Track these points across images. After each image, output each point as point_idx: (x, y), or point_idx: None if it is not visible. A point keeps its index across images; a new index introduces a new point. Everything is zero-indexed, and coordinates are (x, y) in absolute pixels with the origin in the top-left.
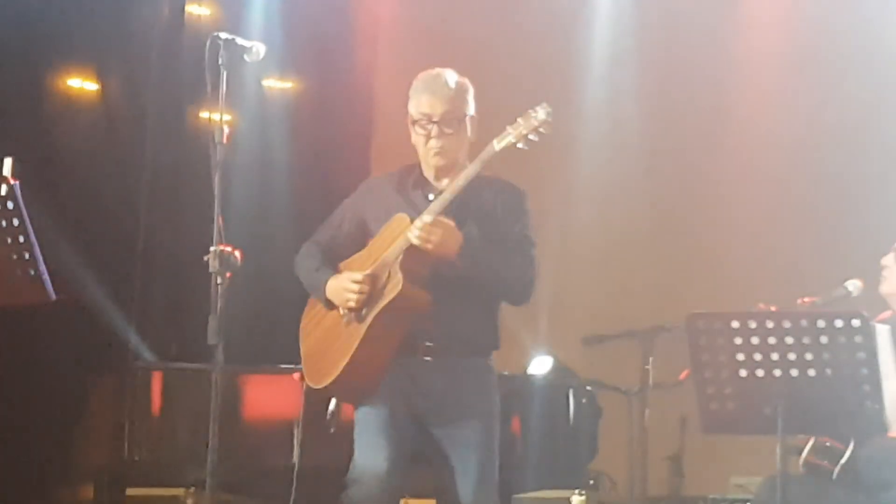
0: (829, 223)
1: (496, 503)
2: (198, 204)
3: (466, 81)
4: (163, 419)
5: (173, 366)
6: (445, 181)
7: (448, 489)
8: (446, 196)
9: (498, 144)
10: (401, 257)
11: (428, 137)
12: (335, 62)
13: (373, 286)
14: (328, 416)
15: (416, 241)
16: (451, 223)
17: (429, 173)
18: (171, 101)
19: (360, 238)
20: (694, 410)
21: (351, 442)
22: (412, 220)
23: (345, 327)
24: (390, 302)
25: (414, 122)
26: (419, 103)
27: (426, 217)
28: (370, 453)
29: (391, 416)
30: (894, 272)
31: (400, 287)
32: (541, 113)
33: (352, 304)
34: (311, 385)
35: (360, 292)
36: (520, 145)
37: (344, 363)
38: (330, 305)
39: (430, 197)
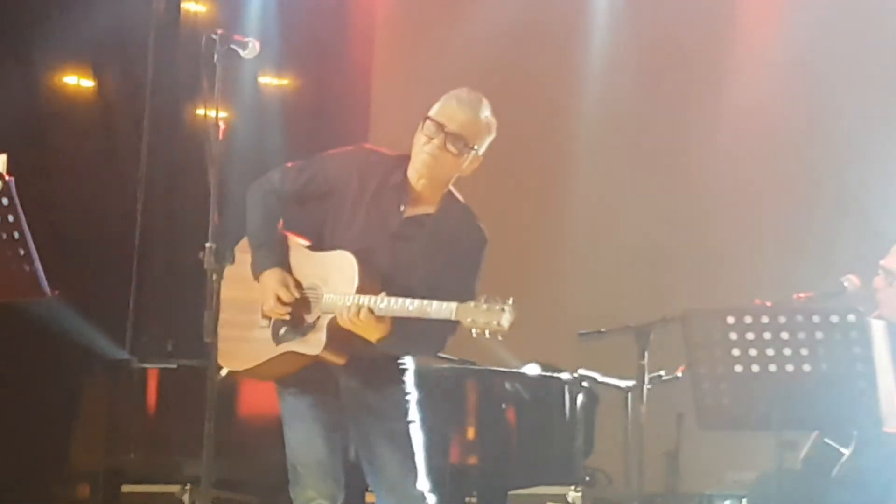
0: (825, 219)
1: (417, 495)
2: (194, 201)
3: (494, 122)
4: (158, 416)
5: (169, 362)
6: (422, 206)
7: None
8: (393, 309)
9: (454, 315)
10: (330, 318)
11: (429, 140)
12: (331, 59)
13: (297, 310)
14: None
15: (341, 321)
16: (384, 323)
17: (412, 176)
18: (167, 99)
19: (318, 202)
20: (690, 406)
21: None
22: (359, 265)
23: (259, 326)
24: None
25: (426, 120)
26: (442, 108)
27: (364, 308)
28: (305, 438)
29: (319, 402)
30: (888, 295)
31: (319, 350)
32: (505, 321)
33: (265, 311)
34: (222, 364)
35: (276, 312)
36: (474, 331)
37: (251, 366)
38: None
39: (402, 208)
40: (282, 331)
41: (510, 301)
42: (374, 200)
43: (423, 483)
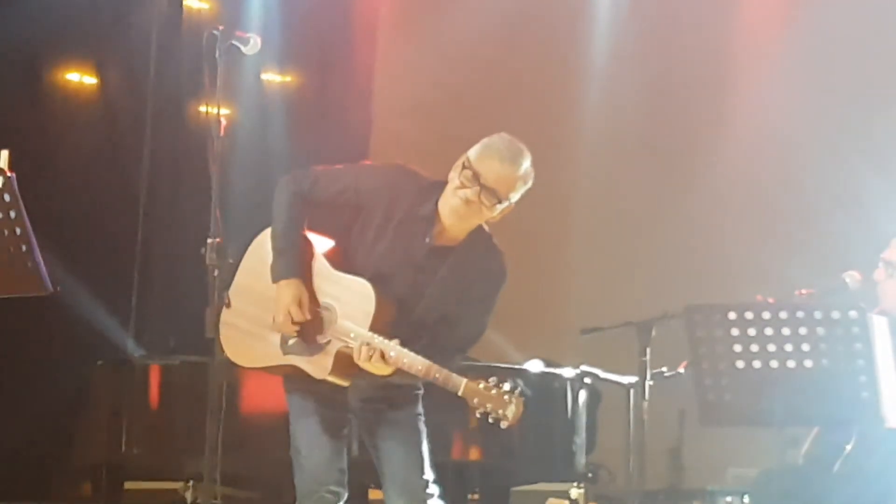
0: (827, 215)
1: (423, 484)
2: (196, 197)
3: (532, 173)
4: (161, 412)
5: (171, 359)
6: (447, 238)
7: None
8: (404, 361)
9: (460, 392)
10: (340, 346)
11: (463, 188)
12: (334, 56)
13: (308, 326)
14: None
15: (353, 354)
16: (392, 366)
17: (443, 211)
18: (169, 96)
19: (345, 216)
20: (692, 402)
21: None
22: (375, 291)
23: (269, 328)
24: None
25: (463, 168)
26: (483, 160)
27: (376, 352)
28: (313, 434)
29: (327, 398)
30: (889, 287)
31: (324, 376)
32: (510, 412)
33: (275, 324)
34: (227, 353)
35: (285, 328)
36: (478, 412)
37: (255, 366)
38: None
39: (427, 240)
40: (290, 342)
41: (518, 390)
42: (400, 227)
43: (428, 473)
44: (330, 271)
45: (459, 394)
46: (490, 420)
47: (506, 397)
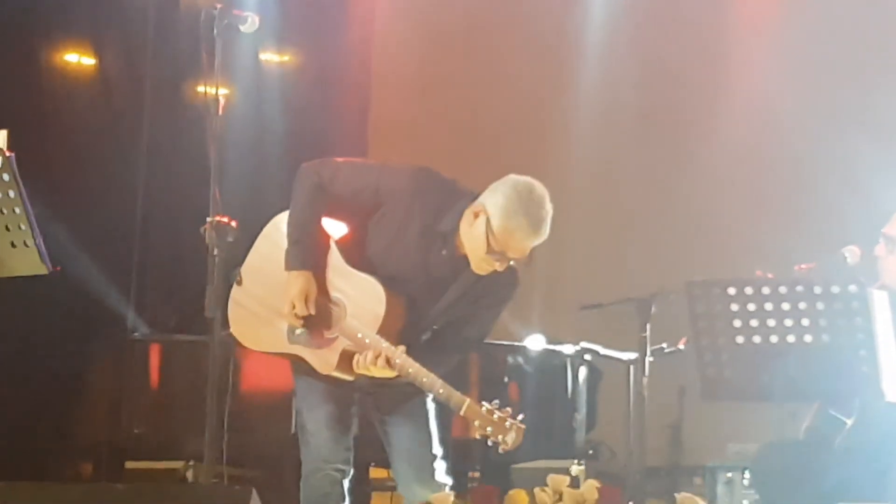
0: (827, 190)
1: (433, 479)
2: (195, 176)
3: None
4: (161, 392)
5: (171, 338)
6: (463, 249)
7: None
8: (408, 371)
9: (462, 412)
10: (345, 345)
11: (488, 259)
12: (332, 36)
13: (316, 319)
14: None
15: (354, 362)
16: (392, 372)
17: (466, 247)
18: (167, 75)
19: (363, 213)
20: (692, 378)
21: None
22: (386, 294)
23: (277, 314)
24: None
25: (489, 245)
26: (508, 237)
27: (382, 358)
28: (321, 415)
29: (334, 380)
30: (889, 262)
31: (329, 371)
32: (510, 439)
33: (282, 312)
34: (234, 333)
35: (289, 320)
36: (477, 434)
37: (261, 350)
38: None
39: (444, 252)
40: (297, 332)
41: (520, 418)
42: (419, 238)
43: (436, 448)
44: (343, 266)
45: (461, 414)
46: (489, 443)
47: (507, 423)
